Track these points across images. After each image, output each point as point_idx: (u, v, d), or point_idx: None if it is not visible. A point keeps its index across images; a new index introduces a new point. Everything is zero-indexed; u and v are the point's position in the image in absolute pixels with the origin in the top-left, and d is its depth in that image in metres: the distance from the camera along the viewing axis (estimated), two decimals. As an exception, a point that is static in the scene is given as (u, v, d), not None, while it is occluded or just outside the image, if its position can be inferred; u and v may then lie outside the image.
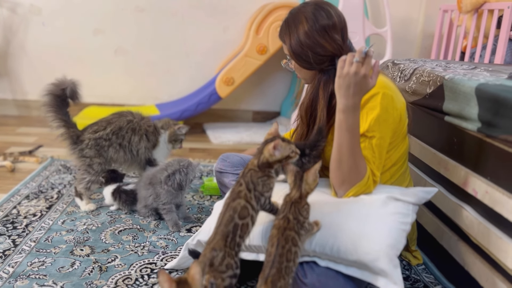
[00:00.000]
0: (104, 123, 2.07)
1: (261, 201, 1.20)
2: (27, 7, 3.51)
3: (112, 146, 2.04)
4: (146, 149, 2.11)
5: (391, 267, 1.17)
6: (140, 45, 3.64)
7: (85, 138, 2.02)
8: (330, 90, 1.38)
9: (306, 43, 1.35)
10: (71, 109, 3.65)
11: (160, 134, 2.16)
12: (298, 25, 1.36)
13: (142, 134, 2.10)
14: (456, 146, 1.53)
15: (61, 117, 1.99)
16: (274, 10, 3.21)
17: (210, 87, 3.30)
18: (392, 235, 1.22)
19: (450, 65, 1.94)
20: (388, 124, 1.34)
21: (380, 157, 1.33)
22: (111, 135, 2.04)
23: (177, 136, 2.19)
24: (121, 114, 2.12)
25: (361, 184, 1.30)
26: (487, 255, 1.31)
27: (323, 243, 1.23)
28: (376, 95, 1.31)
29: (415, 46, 3.73)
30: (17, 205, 2.01)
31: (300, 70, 1.44)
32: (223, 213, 1.17)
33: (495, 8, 2.59)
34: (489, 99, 1.32)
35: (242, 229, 1.15)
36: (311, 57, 1.36)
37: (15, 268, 1.52)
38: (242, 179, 1.20)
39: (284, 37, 1.42)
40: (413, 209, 1.32)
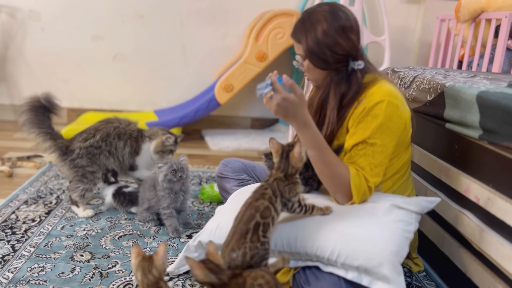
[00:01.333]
0: (92, 131, 2.05)
1: (288, 206, 1.22)
2: (26, 12, 3.51)
3: (102, 153, 2.03)
4: (129, 154, 2.09)
5: (394, 273, 1.17)
6: (139, 51, 3.64)
7: (75, 147, 2.00)
8: (342, 90, 1.38)
9: (324, 42, 1.34)
10: (70, 114, 3.68)
11: (144, 142, 2.10)
12: (316, 24, 1.35)
13: (126, 139, 2.08)
14: (457, 153, 1.54)
15: (45, 131, 1.96)
16: (273, 17, 3.23)
17: (209, 94, 3.30)
18: (395, 242, 1.22)
19: (450, 73, 1.95)
20: (392, 132, 1.34)
21: (380, 164, 1.34)
22: (101, 142, 2.02)
23: (165, 147, 2.10)
24: (108, 121, 2.10)
25: (356, 189, 1.30)
26: (489, 262, 1.32)
27: (325, 248, 1.23)
28: (381, 102, 1.32)
29: (413, 55, 3.76)
30: (15, 210, 2.00)
31: (313, 70, 1.41)
32: (243, 212, 1.17)
33: (493, 17, 2.62)
34: (491, 107, 1.34)
35: (264, 228, 1.15)
36: (328, 56, 1.35)
37: (14, 274, 1.50)
38: (267, 184, 1.20)
39: (299, 36, 1.39)
40: (416, 218, 1.32)
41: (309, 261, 1.28)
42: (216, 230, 1.43)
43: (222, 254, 1.13)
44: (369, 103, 1.33)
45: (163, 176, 1.80)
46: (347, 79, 1.38)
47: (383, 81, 1.39)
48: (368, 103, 1.34)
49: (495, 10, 2.65)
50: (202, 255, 1.49)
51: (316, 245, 1.24)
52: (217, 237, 1.41)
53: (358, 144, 1.34)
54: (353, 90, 1.38)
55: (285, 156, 1.23)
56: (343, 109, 1.38)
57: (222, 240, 1.39)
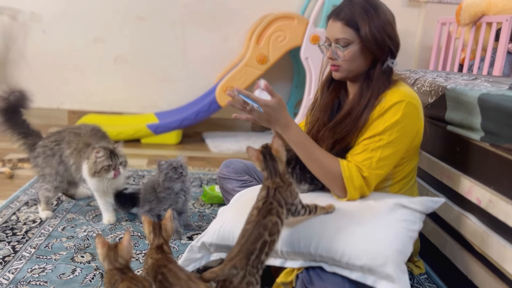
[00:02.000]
0: (55, 133, 1.94)
1: (292, 210, 1.21)
2: (27, 14, 3.52)
3: (54, 157, 1.90)
4: (75, 168, 1.87)
5: (398, 272, 1.17)
6: (140, 54, 3.65)
7: (38, 145, 1.93)
8: (381, 84, 1.37)
9: (387, 30, 1.35)
10: (70, 116, 3.69)
11: (83, 161, 1.83)
12: (379, 12, 1.34)
13: (73, 149, 1.87)
14: (458, 155, 1.54)
15: (18, 130, 1.93)
16: (275, 20, 3.24)
17: (210, 96, 3.31)
18: (399, 241, 1.22)
19: (451, 76, 1.96)
20: (406, 131, 1.34)
21: (386, 158, 1.33)
22: (54, 145, 1.90)
23: (96, 166, 1.74)
24: (81, 126, 1.97)
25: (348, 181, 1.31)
26: (491, 264, 1.32)
27: (329, 247, 1.23)
28: (400, 102, 1.33)
29: (413, 58, 3.76)
30: (16, 211, 2.00)
31: (358, 58, 1.37)
32: (251, 230, 1.14)
33: (494, 21, 2.63)
34: (492, 109, 1.34)
35: (270, 246, 1.14)
36: (388, 45, 1.35)
37: (15, 275, 1.50)
38: (271, 199, 1.18)
39: (358, 20, 1.33)
40: (420, 218, 1.32)
41: (313, 261, 1.28)
42: (220, 230, 1.43)
43: (224, 266, 1.12)
44: (389, 102, 1.34)
45: (164, 175, 1.80)
46: (383, 74, 1.39)
47: (403, 83, 1.40)
48: (387, 102, 1.34)
49: (495, 13, 2.66)
50: (206, 256, 1.49)
51: (320, 245, 1.24)
52: (220, 237, 1.41)
53: (366, 139, 1.34)
54: (385, 87, 1.38)
55: (268, 158, 1.22)
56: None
57: (225, 240, 1.40)
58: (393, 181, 1.46)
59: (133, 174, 2.58)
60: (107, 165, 1.74)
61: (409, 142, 1.38)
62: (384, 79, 1.38)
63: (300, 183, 1.45)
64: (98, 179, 1.77)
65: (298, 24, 3.25)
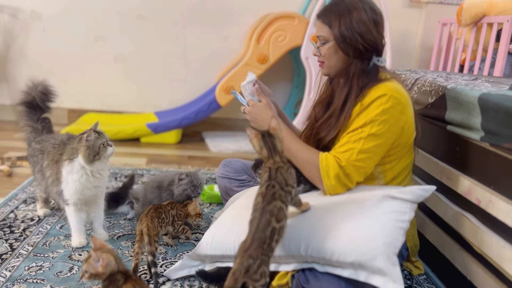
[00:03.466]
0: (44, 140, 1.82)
1: (292, 194, 1.21)
2: (28, 13, 3.52)
3: (37, 165, 1.81)
4: (52, 180, 1.73)
5: (389, 265, 1.16)
6: (140, 53, 3.65)
7: (32, 144, 1.85)
8: (363, 82, 1.38)
9: (358, 28, 1.35)
10: (70, 115, 3.68)
11: (63, 165, 1.66)
12: (352, 10, 1.36)
13: (51, 160, 1.73)
14: (458, 155, 1.53)
15: (29, 123, 1.90)
16: (275, 20, 3.24)
17: (210, 96, 3.30)
18: (388, 234, 1.21)
19: (451, 76, 1.95)
20: (389, 124, 1.34)
21: (368, 151, 1.33)
22: (38, 153, 1.80)
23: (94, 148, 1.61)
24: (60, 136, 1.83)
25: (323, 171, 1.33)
26: (491, 265, 1.31)
27: (318, 247, 1.22)
28: (383, 96, 1.33)
29: (414, 59, 3.76)
30: (14, 209, 1.99)
31: (334, 55, 1.41)
32: (259, 217, 1.14)
33: (495, 21, 2.62)
34: (493, 109, 1.33)
35: (279, 233, 1.14)
36: (358, 43, 1.36)
37: (12, 272, 1.49)
38: (273, 181, 1.18)
39: (330, 19, 1.38)
40: (411, 207, 1.29)
41: (305, 263, 1.27)
42: (212, 242, 1.43)
43: (240, 258, 1.11)
44: (371, 97, 1.34)
45: (182, 190, 1.80)
46: (368, 73, 1.39)
47: (392, 80, 1.40)
48: (370, 97, 1.35)
49: (496, 14, 2.65)
50: (201, 265, 1.50)
51: (310, 246, 1.23)
52: (213, 248, 1.42)
53: (349, 132, 1.36)
54: (370, 85, 1.38)
55: (267, 135, 1.22)
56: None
57: (218, 251, 1.40)
58: (384, 180, 1.44)
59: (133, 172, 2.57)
60: (101, 143, 1.63)
61: (393, 137, 1.37)
62: (370, 77, 1.39)
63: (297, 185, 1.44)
64: (99, 163, 1.64)
65: (298, 24, 3.24)
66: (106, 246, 1.19)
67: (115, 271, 1.15)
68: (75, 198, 1.65)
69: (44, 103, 1.91)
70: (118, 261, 1.17)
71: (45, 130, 1.92)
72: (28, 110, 1.90)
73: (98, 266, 1.13)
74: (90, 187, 1.65)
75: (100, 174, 1.67)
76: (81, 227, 1.71)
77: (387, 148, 1.38)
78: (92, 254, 1.14)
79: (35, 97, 1.87)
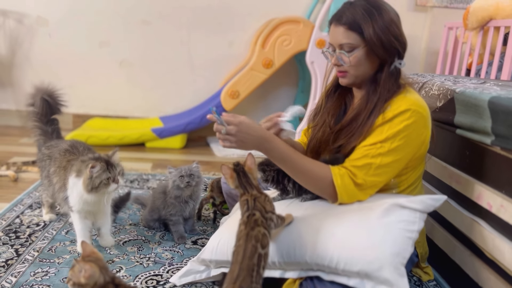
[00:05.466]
0: (52, 145, 1.81)
1: (274, 220, 1.20)
2: (33, 18, 3.53)
3: (44, 171, 1.81)
4: (59, 186, 1.69)
5: (396, 276, 1.14)
6: (145, 58, 3.65)
7: (42, 149, 1.83)
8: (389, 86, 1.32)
9: (393, 30, 1.29)
10: (75, 120, 3.68)
11: (70, 175, 1.61)
12: (381, 11, 1.28)
13: (58, 166, 1.70)
14: (468, 160, 1.51)
15: (38, 125, 1.90)
16: (280, 24, 3.23)
17: (215, 100, 3.30)
18: (396, 243, 1.19)
19: (459, 80, 1.94)
20: (411, 139, 1.29)
21: (386, 166, 1.28)
22: (46, 158, 1.78)
23: (94, 181, 1.52)
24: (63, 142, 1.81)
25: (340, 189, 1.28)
26: (503, 271, 1.29)
27: (324, 255, 1.20)
28: (406, 111, 1.28)
29: (419, 63, 3.74)
30: (20, 214, 1.99)
31: (364, 62, 1.32)
32: (244, 245, 1.11)
33: (501, 25, 2.60)
34: (503, 112, 1.31)
35: (264, 259, 1.11)
36: (395, 45, 1.30)
37: (18, 278, 1.48)
38: (253, 210, 1.18)
39: (359, 24, 1.28)
40: (420, 217, 1.26)
41: (310, 270, 1.25)
42: (218, 246, 1.42)
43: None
44: (394, 111, 1.29)
45: (172, 183, 1.78)
46: (391, 76, 1.34)
47: (410, 89, 1.36)
48: (393, 110, 1.29)
49: (503, 17, 2.64)
50: (207, 271, 1.48)
51: (315, 253, 1.21)
52: (219, 253, 1.41)
53: (367, 145, 1.30)
54: (393, 90, 1.33)
55: (242, 175, 1.23)
56: None
57: (223, 256, 1.39)
58: (398, 190, 1.41)
59: (138, 178, 2.56)
60: (106, 178, 1.54)
61: (413, 151, 1.33)
62: (392, 82, 1.33)
63: (304, 192, 1.43)
64: (96, 195, 1.57)
65: (303, 28, 3.24)
66: (95, 255, 1.14)
67: (101, 283, 1.09)
68: (78, 207, 1.64)
69: (55, 106, 1.93)
70: (104, 271, 1.11)
71: (54, 133, 1.91)
72: (38, 112, 1.89)
73: (80, 277, 1.08)
74: (92, 203, 1.62)
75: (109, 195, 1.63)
76: (86, 233, 1.69)
77: (406, 162, 1.34)
78: (76, 263, 1.10)
79: (45, 99, 1.88)
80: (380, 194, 1.37)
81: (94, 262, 1.10)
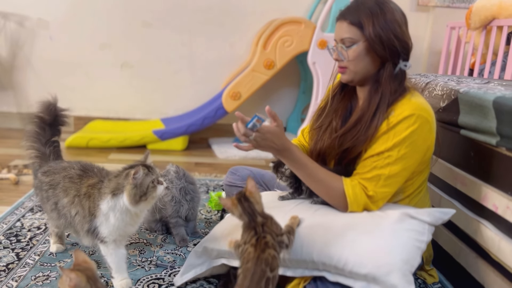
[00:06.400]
0: (50, 172, 1.57)
1: (285, 241, 1.18)
2: (34, 21, 3.53)
3: (48, 202, 1.54)
4: (82, 217, 1.46)
5: (403, 282, 1.13)
6: (147, 60, 3.64)
7: (38, 175, 1.60)
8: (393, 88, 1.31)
9: (394, 29, 1.28)
10: (77, 123, 3.67)
11: (102, 199, 1.41)
12: (385, 11, 1.28)
13: (74, 196, 1.47)
14: (473, 161, 1.49)
15: (35, 146, 1.65)
16: (281, 25, 3.22)
17: (217, 102, 3.28)
18: (406, 250, 1.18)
19: (463, 80, 1.92)
20: (417, 146, 1.28)
21: (395, 176, 1.28)
22: (48, 187, 1.54)
23: (142, 188, 1.37)
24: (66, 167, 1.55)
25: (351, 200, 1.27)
26: (509, 273, 1.27)
27: (332, 255, 1.19)
28: (410, 116, 1.27)
29: (422, 63, 3.72)
30: (21, 218, 1.97)
31: (363, 58, 1.31)
32: (253, 268, 1.09)
33: (504, 24, 2.59)
34: (508, 112, 1.29)
35: (273, 283, 1.10)
36: (395, 44, 1.29)
37: (18, 282, 1.47)
38: (263, 233, 1.15)
39: (361, 19, 1.28)
40: (429, 229, 1.26)
41: (316, 270, 1.24)
42: (222, 236, 1.41)
43: None
44: (398, 117, 1.27)
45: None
46: (395, 78, 1.32)
47: (415, 93, 1.34)
48: (397, 116, 1.28)
49: (506, 17, 2.62)
50: (207, 262, 1.47)
51: (323, 253, 1.20)
52: (222, 243, 1.39)
53: (374, 155, 1.29)
54: (398, 93, 1.31)
55: (244, 201, 1.19)
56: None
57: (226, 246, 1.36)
58: (404, 195, 1.41)
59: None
60: (151, 181, 1.40)
61: (420, 157, 1.32)
62: (396, 84, 1.31)
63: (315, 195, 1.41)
64: (144, 205, 1.40)
65: (305, 29, 3.22)
66: (87, 264, 1.11)
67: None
68: (115, 235, 1.43)
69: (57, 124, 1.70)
70: (92, 282, 1.07)
71: (52, 156, 1.66)
72: (37, 131, 1.66)
73: (66, 286, 1.04)
74: (132, 224, 1.45)
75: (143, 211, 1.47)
76: (123, 265, 1.47)
77: (414, 168, 1.33)
78: (63, 272, 1.06)
79: (48, 115, 1.67)
80: (388, 204, 1.37)
81: (82, 272, 1.07)
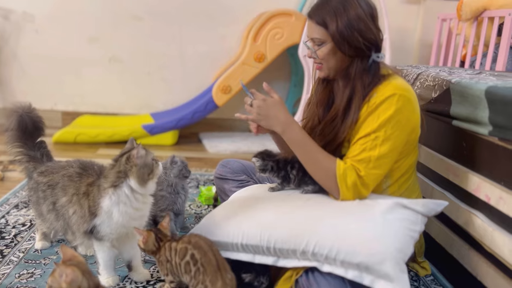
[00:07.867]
0: (48, 171, 1.52)
1: None
2: (20, 14, 3.45)
3: (45, 203, 1.49)
4: (79, 217, 1.40)
5: (397, 271, 1.12)
6: (136, 54, 3.59)
7: (33, 177, 1.56)
8: (366, 81, 1.32)
9: (357, 26, 1.28)
10: (64, 118, 3.61)
11: (103, 196, 1.35)
12: (349, 8, 1.28)
13: (73, 194, 1.42)
14: (465, 151, 1.48)
15: (24, 152, 1.61)
16: (271, 18, 3.18)
17: (207, 96, 3.25)
18: (399, 239, 1.18)
19: (454, 71, 1.90)
20: (402, 125, 1.29)
21: (384, 156, 1.28)
22: (47, 187, 1.49)
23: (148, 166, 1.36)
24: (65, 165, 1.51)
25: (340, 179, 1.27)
26: (502, 264, 1.26)
27: (323, 244, 1.17)
28: (392, 96, 1.28)
29: (413, 56, 3.71)
30: (5, 214, 1.93)
31: (333, 56, 1.33)
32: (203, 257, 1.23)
33: (496, 15, 2.57)
34: (501, 102, 1.28)
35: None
36: (359, 42, 1.29)
37: (2, 280, 1.43)
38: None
39: (326, 18, 1.29)
40: (422, 220, 1.27)
41: (306, 260, 1.22)
42: (209, 225, 1.40)
43: None
44: (380, 97, 1.28)
45: (178, 171, 1.72)
46: (369, 70, 1.33)
47: (396, 76, 1.34)
48: (378, 97, 1.29)
49: (497, 8, 2.60)
50: None
51: (314, 241, 1.19)
52: (210, 233, 1.37)
53: (362, 137, 1.29)
54: (374, 83, 1.32)
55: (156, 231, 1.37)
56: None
57: (215, 236, 1.35)
58: (391, 179, 1.40)
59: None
60: (152, 157, 1.39)
61: (406, 137, 1.33)
62: (369, 76, 1.33)
63: (305, 184, 1.41)
64: (152, 182, 1.39)
65: (295, 21, 3.19)
66: (77, 258, 1.08)
67: (84, 287, 1.04)
68: (117, 232, 1.39)
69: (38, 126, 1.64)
70: (87, 276, 1.05)
71: (44, 157, 1.62)
72: (21, 136, 1.61)
73: (62, 282, 1.02)
74: (136, 217, 1.40)
75: (148, 198, 1.43)
76: (112, 263, 1.45)
77: (401, 149, 1.33)
78: (56, 267, 1.04)
79: (27, 120, 1.61)
80: (380, 195, 1.36)
81: (76, 266, 1.05)
